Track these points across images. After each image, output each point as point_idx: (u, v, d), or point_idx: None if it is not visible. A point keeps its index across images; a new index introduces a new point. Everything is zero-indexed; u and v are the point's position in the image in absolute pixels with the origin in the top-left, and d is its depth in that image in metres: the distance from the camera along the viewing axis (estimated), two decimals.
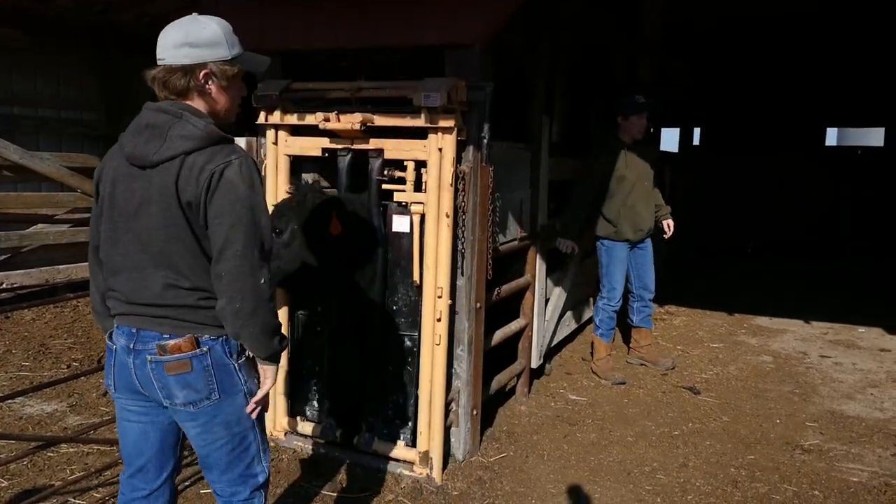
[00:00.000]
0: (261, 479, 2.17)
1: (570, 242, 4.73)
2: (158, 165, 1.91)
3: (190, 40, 1.95)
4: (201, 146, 1.91)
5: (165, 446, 2.18)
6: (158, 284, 1.94)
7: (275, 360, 2.03)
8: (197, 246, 1.93)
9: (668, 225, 5.09)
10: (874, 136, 13.33)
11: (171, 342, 1.95)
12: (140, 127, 1.99)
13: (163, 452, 2.18)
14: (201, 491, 3.22)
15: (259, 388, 2.07)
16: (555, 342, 5.17)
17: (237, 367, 2.02)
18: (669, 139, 14.38)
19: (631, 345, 5.36)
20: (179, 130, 1.92)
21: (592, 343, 5.14)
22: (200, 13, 2.07)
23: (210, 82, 1.99)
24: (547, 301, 4.89)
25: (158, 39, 2.00)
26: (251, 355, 2.04)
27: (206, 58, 1.96)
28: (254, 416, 2.09)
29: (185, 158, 1.89)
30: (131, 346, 1.99)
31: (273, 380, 2.06)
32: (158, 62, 2.00)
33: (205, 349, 1.96)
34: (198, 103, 2.00)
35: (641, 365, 5.21)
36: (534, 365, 4.62)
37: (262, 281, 1.90)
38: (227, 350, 2.00)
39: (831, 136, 13.27)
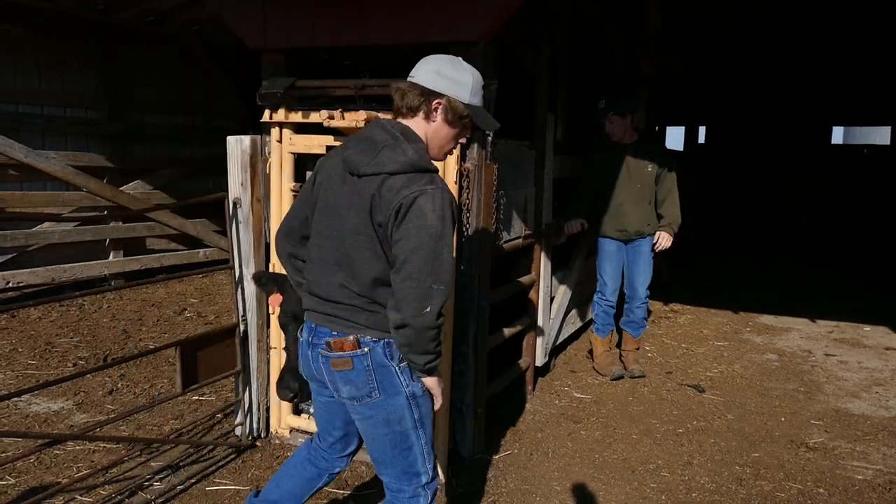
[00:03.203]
0: (423, 479, 2.24)
1: (575, 222, 4.67)
2: (364, 177, 2.06)
3: (442, 71, 2.11)
4: (404, 171, 2.03)
5: (351, 430, 2.39)
6: (336, 283, 2.12)
7: (425, 373, 2.11)
8: (379, 259, 2.06)
9: (660, 237, 4.67)
10: (880, 135, 13.27)
11: (336, 340, 2.12)
12: (361, 137, 2.17)
13: (348, 435, 2.41)
14: (207, 488, 3.23)
15: (423, 390, 2.18)
16: (559, 340, 5.17)
17: (398, 370, 2.13)
18: (674, 137, 14.36)
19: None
20: (389, 152, 2.05)
21: (591, 339, 5.14)
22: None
23: (439, 112, 2.12)
24: (552, 299, 4.89)
25: (419, 62, 2.17)
26: None
27: (447, 91, 2.10)
28: (440, 410, 2.23)
29: (387, 178, 2.02)
30: (311, 339, 2.22)
31: (438, 389, 2.18)
32: (409, 78, 2.15)
33: (365, 350, 2.10)
34: (418, 127, 2.14)
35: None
36: (538, 363, 4.62)
37: (428, 309, 1.98)
38: (388, 353, 2.12)
39: (837, 135, 13.21)
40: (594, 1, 5.45)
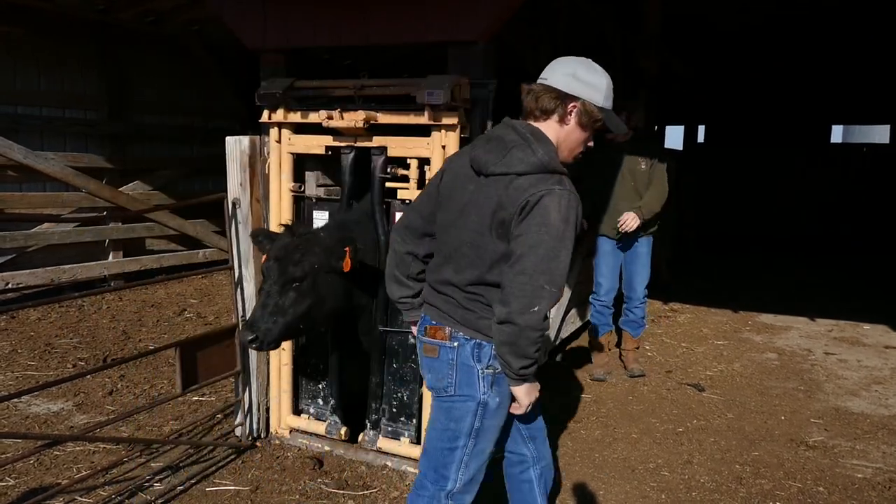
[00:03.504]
0: (449, 485, 2.22)
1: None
2: (491, 177, 2.07)
3: (578, 75, 2.10)
4: (533, 171, 2.03)
5: (507, 422, 2.34)
6: (444, 276, 2.18)
7: (517, 378, 2.08)
8: (485, 260, 2.07)
9: (626, 216, 4.52)
10: (880, 134, 13.28)
11: (432, 327, 2.19)
12: (490, 136, 2.17)
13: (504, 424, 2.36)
14: (207, 489, 3.23)
15: (498, 405, 2.16)
16: (559, 340, 5.17)
17: (480, 374, 2.13)
18: (674, 137, 14.36)
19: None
20: (519, 152, 2.05)
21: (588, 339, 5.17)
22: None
23: (573, 115, 2.12)
24: None
25: (550, 64, 2.15)
26: (499, 370, 2.13)
27: (583, 94, 2.10)
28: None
29: (515, 179, 2.02)
30: (420, 324, 2.29)
31: (526, 400, 2.15)
32: (540, 80, 2.15)
33: (454, 344, 2.14)
34: (550, 129, 2.13)
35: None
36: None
37: (536, 308, 1.96)
38: (475, 354, 2.13)
39: (836, 134, 13.22)
40: (594, 1, 5.46)
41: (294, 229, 2.94)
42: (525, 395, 2.13)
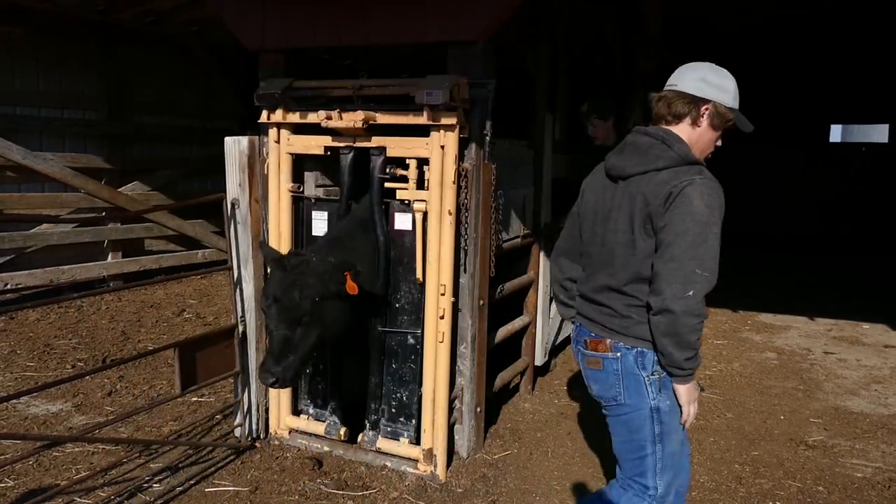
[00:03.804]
0: (651, 492, 2.24)
1: None
2: (630, 178, 2.18)
3: (707, 79, 2.21)
4: (672, 165, 2.12)
5: None
6: (600, 282, 2.25)
7: (680, 377, 2.14)
8: (642, 256, 2.13)
9: None
10: (878, 133, 13.28)
11: (593, 340, 2.27)
12: (624, 145, 2.28)
13: None
14: (206, 490, 3.23)
15: (670, 408, 2.20)
16: (559, 339, 5.17)
17: (647, 381, 2.19)
18: None
19: None
20: (656, 150, 2.16)
21: None
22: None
23: (705, 117, 2.21)
24: (551, 299, 4.89)
25: (677, 70, 2.28)
26: (664, 374, 2.18)
27: (713, 96, 2.20)
28: (687, 424, 2.24)
29: (656, 174, 2.12)
30: (575, 337, 2.40)
31: (686, 399, 2.19)
32: (669, 86, 2.26)
33: (617, 354, 2.20)
34: (683, 132, 2.22)
35: None
36: (538, 362, 4.62)
37: (691, 293, 2.01)
38: (639, 362, 2.18)
39: (835, 133, 13.21)
40: (594, 1, 5.45)
41: (285, 262, 2.89)
42: (686, 395, 2.18)
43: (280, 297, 2.79)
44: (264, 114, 3.45)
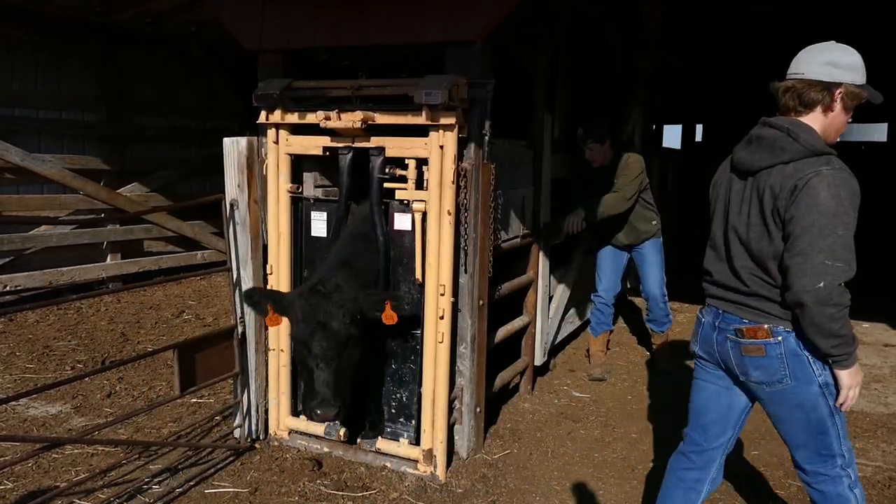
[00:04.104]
0: (839, 461, 2.26)
1: (577, 217, 4.55)
2: (758, 172, 2.18)
3: (835, 61, 2.17)
4: (798, 157, 2.11)
5: (730, 414, 2.43)
6: (745, 274, 2.25)
7: (839, 363, 2.14)
8: (779, 245, 2.14)
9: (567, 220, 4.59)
10: (878, 132, 13.29)
11: (749, 327, 2.24)
12: (749, 138, 2.28)
13: (725, 418, 2.44)
14: (206, 491, 3.22)
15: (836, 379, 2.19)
16: (558, 339, 5.17)
17: (810, 360, 2.18)
18: (672, 136, 14.37)
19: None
20: (782, 143, 2.15)
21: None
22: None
23: (838, 101, 2.19)
24: (550, 298, 4.89)
25: (798, 55, 2.25)
26: None
27: (845, 79, 2.17)
28: (843, 407, 2.21)
29: (783, 167, 2.12)
30: (716, 323, 2.36)
31: (846, 384, 2.17)
32: (793, 75, 2.23)
33: (778, 339, 2.19)
34: (812, 119, 2.20)
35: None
36: (537, 362, 4.62)
37: (821, 284, 2.01)
38: (800, 343, 2.18)
39: None
40: (594, 1, 5.45)
41: (321, 288, 2.91)
42: (846, 379, 2.17)
43: (328, 321, 2.82)
44: (263, 114, 3.45)
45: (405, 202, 3.28)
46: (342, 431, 3.49)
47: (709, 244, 2.48)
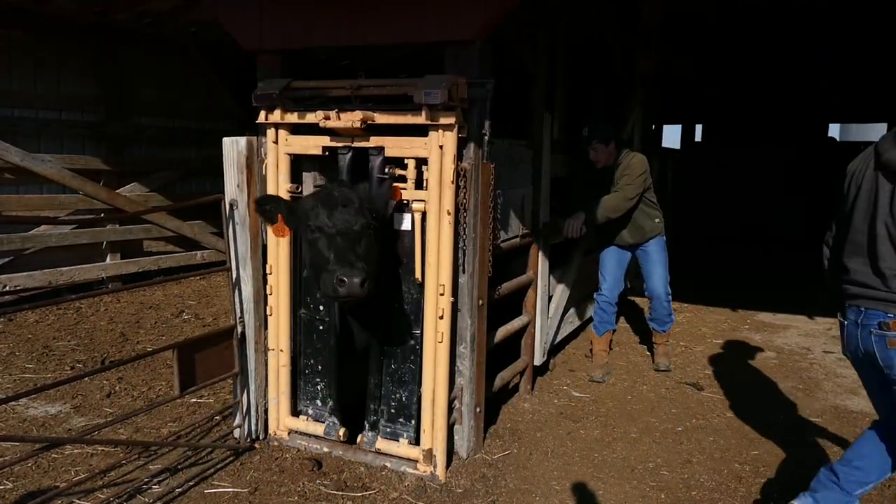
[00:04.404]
0: None
1: (577, 220, 4.54)
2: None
3: None
4: None
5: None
6: (890, 275, 2.34)
7: None
8: None
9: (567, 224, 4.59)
10: (877, 132, 13.29)
11: (893, 321, 2.33)
12: (892, 133, 2.37)
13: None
14: (205, 491, 3.22)
15: None
16: (558, 339, 5.17)
17: None
18: (672, 135, 14.37)
19: None
20: None
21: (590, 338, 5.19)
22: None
23: None
24: (550, 298, 4.89)
25: None
26: None
27: None
28: None
29: None
30: (858, 321, 2.46)
31: None
32: None
33: None
34: None
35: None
36: (537, 362, 4.62)
37: None
38: None
39: (834, 132, 13.25)
40: (594, 1, 5.45)
41: (333, 185, 3.03)
42: None
43: (348, 203, 2.89)
44: (262, 114, 3.45)
45: (405, 202, 3.28)
46: (342, 431, 3.49)
47: (848, 238, 2.53)
